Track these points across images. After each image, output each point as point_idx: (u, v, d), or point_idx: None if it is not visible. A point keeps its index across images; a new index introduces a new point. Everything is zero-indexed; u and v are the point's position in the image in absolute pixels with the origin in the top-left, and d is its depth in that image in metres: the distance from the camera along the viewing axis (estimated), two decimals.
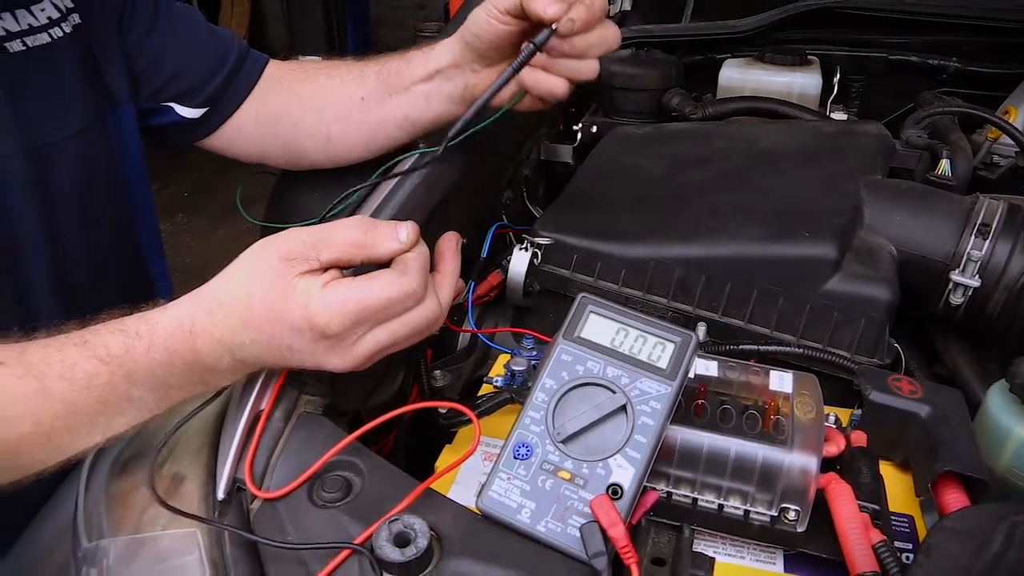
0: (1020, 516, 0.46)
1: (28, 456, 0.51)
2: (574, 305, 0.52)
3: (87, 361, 0.50)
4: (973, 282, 0.68)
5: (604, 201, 0.83)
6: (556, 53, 0.67)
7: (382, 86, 0.82)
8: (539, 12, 0.63)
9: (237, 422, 0.54)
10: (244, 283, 0.51)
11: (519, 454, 0.46)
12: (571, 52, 0.67)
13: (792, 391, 0.52)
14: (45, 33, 0.74)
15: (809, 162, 0.82)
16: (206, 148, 0.91)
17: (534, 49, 0.66)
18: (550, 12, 0.63)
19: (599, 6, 0.65)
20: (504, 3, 0.67)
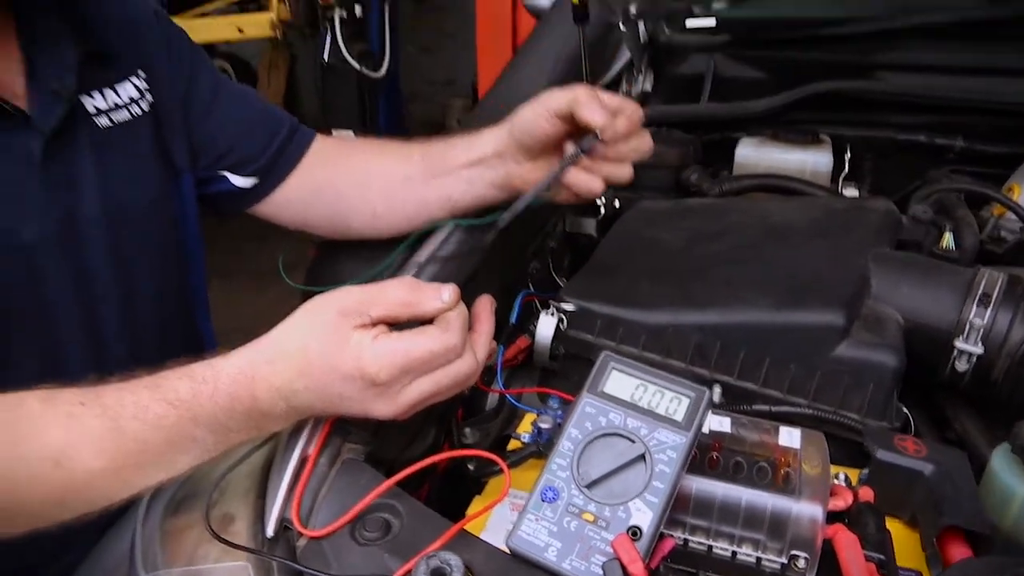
0: (1021, 568, 0.49)
1: (100, 490, 0.56)
2: (597, 362, 0.57)
3: (157, 403, 0.56)
4: (976, 349, 0.72)
5: (626, 271, 0.89)
6: (597, 156, 0.75)
7: (427, 168, 0.90)
8: (587, 119, 0.71)
9: (285, 466, 0.59)
10: (302, 335, 0.56)
11: (546, 497, 0.51)
12: (610, 157, 0.75)
13: (800, 447, 0.56)
14: (126, 110, 0.83)
15: (819, 236, 0.87)
16: (255, 215, 0.98)
17: (580, 152, 0.74)
18: (597, 120, 0.71)
19: (637, 118, 0.74)
20: (555, 106, 0.75)
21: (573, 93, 0.74)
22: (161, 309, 0.89)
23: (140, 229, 0.85)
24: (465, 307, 0.59)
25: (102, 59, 0.81)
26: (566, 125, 0.77)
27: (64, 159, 0.77)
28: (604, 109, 0.72)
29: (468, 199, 0.90)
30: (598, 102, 0.72)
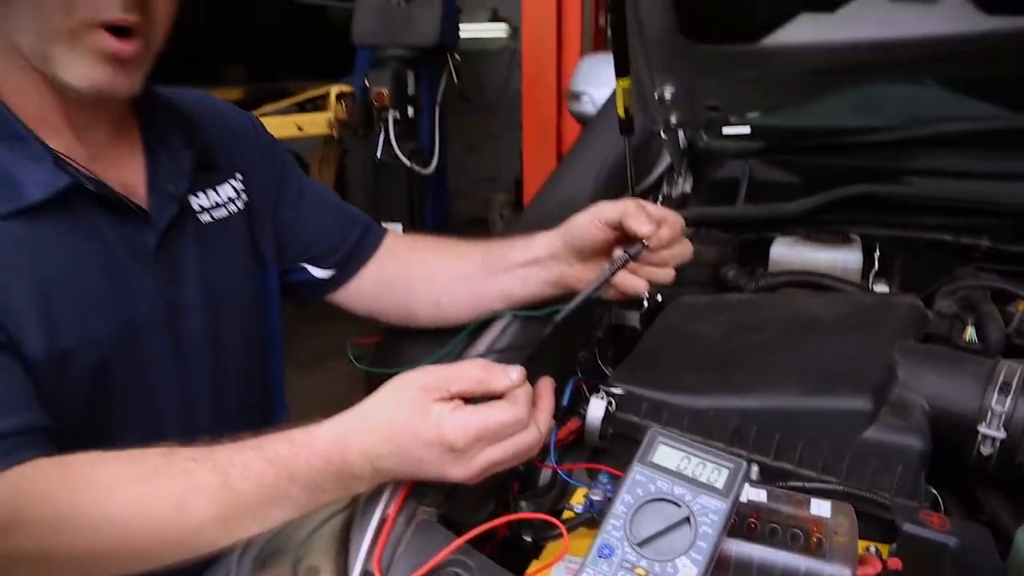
0: None
1: (207, 537, 0.64)
2: (646, 437, 0.64)
3: (260, 462, 0.64)
4: (999, 434, 0.77)
5: (669, 360, 0.96)
6: (643, 261, 0.85)
7: (486, 266, 1.00)
8: (635, 229, 0.82)
9: (367, 524, 0.66)
10: (388, 407, 0.65)
11: (603, 553, 0.57)
12: (655, 261, 0.85)
13: (830, 516, 0.62)
14: (224, 208, 0.95)
15: (849, 328, 0.94)
16: (330, 303, 1.09)
17: (628, 258, 0.84)
18: (644, 230, 0.82)
19: (680, 227, 0.85)
20: (607, 216, 0.86)
21: (623, 205, 0.85)
22: (245, 390, 0.98)
23: (232, 316, 0.95)
24: (530, 385, 0.67)
25: (208, 165, 0.94)
26: (616, 232, 0.88)
27: (172, 251, 0.88)
28: (651, 220, 0.83)
29: (523, 295, 1.00)
30: (645, 214, 0.83)
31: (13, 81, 0.78)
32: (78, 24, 0.73)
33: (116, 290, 0.81)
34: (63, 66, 0.75)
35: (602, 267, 0.90)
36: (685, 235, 0.90)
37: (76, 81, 0.76)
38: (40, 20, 0.73)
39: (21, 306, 0.74)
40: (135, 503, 0.64)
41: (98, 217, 0.81)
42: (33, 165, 0.77)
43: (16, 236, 0.75)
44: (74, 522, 0.64)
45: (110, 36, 0.74)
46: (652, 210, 0.85)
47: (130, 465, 0.66)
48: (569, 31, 3.16)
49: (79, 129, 0.83)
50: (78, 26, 0.73)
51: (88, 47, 0.74)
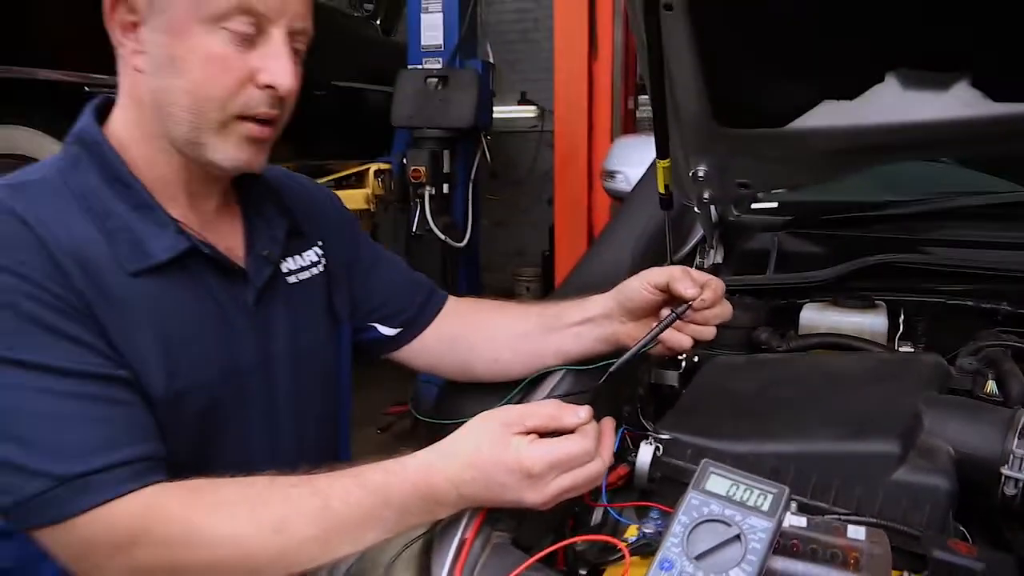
0: None
1: (307, 555, 0.73)
2: (699, 467, 0.72)
3: (357, 488, 0.73)
4: (1021, 475, 0.84)
5: (710, 410, 1.04)
6: (687, 320, 0.95)
7: (543, 325, 1.11)
8: (681, 292, 0.95)
9: (448, 546, 0.75)
10: (474, 439, 0.74)
11: (664, 567, 0.65)
12: (698, 320, 0.97)
13: (865, 539, 0.69)
14: (307, 271, 1.06)
15: (876, 382, 1.03)
16: (395, 360, 1.19)
17: (675, 317, 0.95)
18: (690, 293, 0.94)
19: (722, 291, 0.96)
20: (655, 280, 0.98)
21: (671, 271, 0.97)
22: (320, 433, 1.08)
23: (312, 367, 1.06)
24: (596, 423, 0.76)
25: (296, 233, 1.06)
26: (663, 295, 0.99)
27: (265, 308, 0.99)
28: (695, 284, 0.94)
29: (577, 351, 1.10)
30: (690, 278, 0.95)
31: (149, 159, 0.92)
32: (229, 117, 0.87)
33: (223, 340, 0.93)
34: (213, 150, 0.89)
35: (650, 326, 1.00)
36: (725, 298, 1.00)
37: (223, 161, 0.90)
38: (198, 117, 0.87)
39: (146, 350, 0.85)
40: (246, 522, 0.73)
41: (208, 276, 0.93)
42: (158, 230, 0.89)
43: (143, 291, 0.86)
44: (195, 538, 0.74)
45: (255, 124, 0.88)
46: (696, 275, 0.96)
47: (241, 489, 0.76)
48: (600, 115, 3.33)
49: (194, 200, 0.96)
50: (229, 119, 0.87)
51: (236, 134, 0.89)
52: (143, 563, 0.74)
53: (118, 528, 0.74)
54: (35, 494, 0.74)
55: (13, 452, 0.75)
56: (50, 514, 0.74)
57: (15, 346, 0.76)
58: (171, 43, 0.85)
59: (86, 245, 0.85)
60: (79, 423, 0.77)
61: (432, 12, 3.93)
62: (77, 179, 0.89)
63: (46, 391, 0.76)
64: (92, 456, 0.75)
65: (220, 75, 0.86)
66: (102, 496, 0.74)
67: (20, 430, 0.75)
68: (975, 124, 1.24)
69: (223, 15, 0.83)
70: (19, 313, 0.77)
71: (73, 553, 0.76)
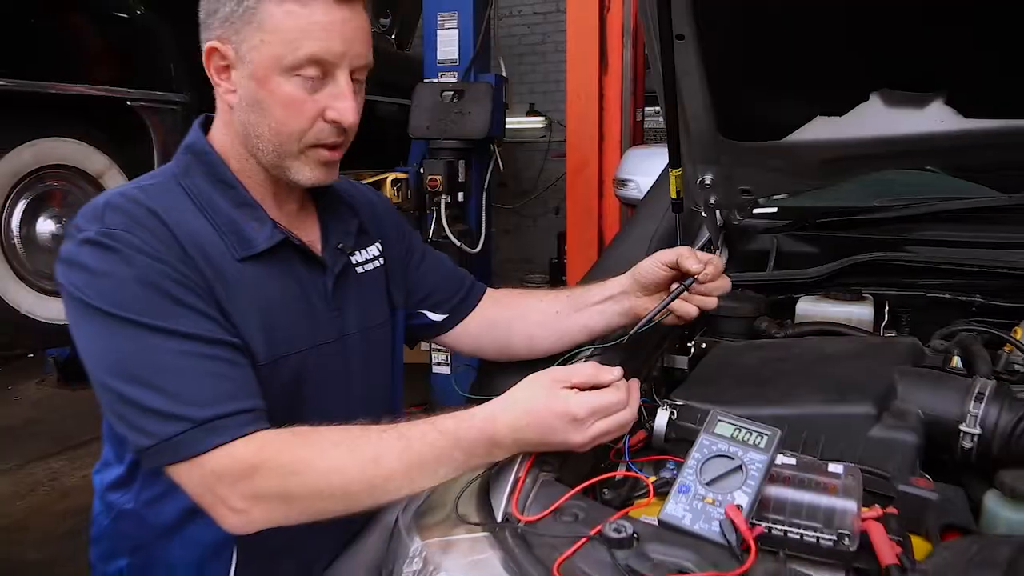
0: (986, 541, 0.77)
1: (395, 484, 0.91)
2: (709, 415, 0.89)
3: (433, 432, 0.91)
4: (975, 430, 1.01)
5: (716, 382, 1.21)
6: (694, 291, 1.14)
7: (571, 305, 1.29)
8: (688, 267, 1.14)
9: (505, 483, 0.92)
10: (528, 392, 0.92)
11: (682, 490, 0.82)
12: (703, 292, 1.15)
13: (843, 471, 0.86)
14: (371, 263, 1.24)
15: (858, 358, 1.19)
16: (441, 343, 1.37)
17: (683, 288, 1.14)
18: (694, 268, 1.13)
19: (722, 267, 1.15)
20: (665, 259, 1.16)
21: (679, 250, 1.15)
22: (383, 397, 1.26)
23: (376, 344, 1.24)
24: (625, 380, 0.94)
25: (362, 231, 1.24)
26: (673, 271, 1.17)
27: (340, 293, 1.17)
28: (700, 261, 1.11)
29: (601, 326, 1.27)
30: (695, 256, 1.12)
31: (246, 170, 1.11)
32: (304, 146, 1.06)
33: (308, 317, 1.11)
34: (292, 171, 1.08)
35: (662, 299, 1.18)
36: None
37: (303, 180, 1.09)
38: (280, 147, 1.07)
39: (251, 323, 1.03)
40: (345, 457, 0.91)
41: (296, 264, 1.11)
42: (258, 225, 1.08)
43: (248, 274, 1.05)
44: (304, 469, 0.91)
45: (325, 150, 1.07)
46: (700, 254, 1.15)
47: (340, 432, 0.94)
48: (609, 126, 3.51)
49: (279, 201, 1.14)
50: (304, 148, 1.06)
51: (312, 158, 1.08)
52: (261, 490, 0.91)
53: (240, 461, 0.92)
54: (173, 435, 0.91)
55: (154, 400, 0.93)
56: (185, 451, 0.92)
57: (157, 316, 0.95)
58: (256, 88, 1.04)
59: (202, 235, 1.03)
60: (208, 378, 0.95)
61: (448, 28, 4.11)
62: (189, 181, 1.08)
63: (182, 352, 0.94)
64: (219, 404, 0.93)
65: (296, 115, 1.05)
66: (229, 435, 0.92)
67: (160, 382, 0.93)
68: (949, 138, 1.42)
69: (297, 66, 1.02)
70: (159, 290, 0.96)
71: (202, 484, 0.93)
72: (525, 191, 7.51)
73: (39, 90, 2.58)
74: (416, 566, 0.87)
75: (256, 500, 0.92)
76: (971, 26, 1.25)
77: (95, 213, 1.01)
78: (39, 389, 5.15)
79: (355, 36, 1.04)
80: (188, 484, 0.95)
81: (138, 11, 2.99)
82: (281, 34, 1.01)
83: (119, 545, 1.14)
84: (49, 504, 3.61)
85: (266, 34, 1.01)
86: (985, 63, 1.33)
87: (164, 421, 0.92)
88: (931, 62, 1.35)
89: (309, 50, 1.01)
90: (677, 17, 1.28)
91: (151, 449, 0.93)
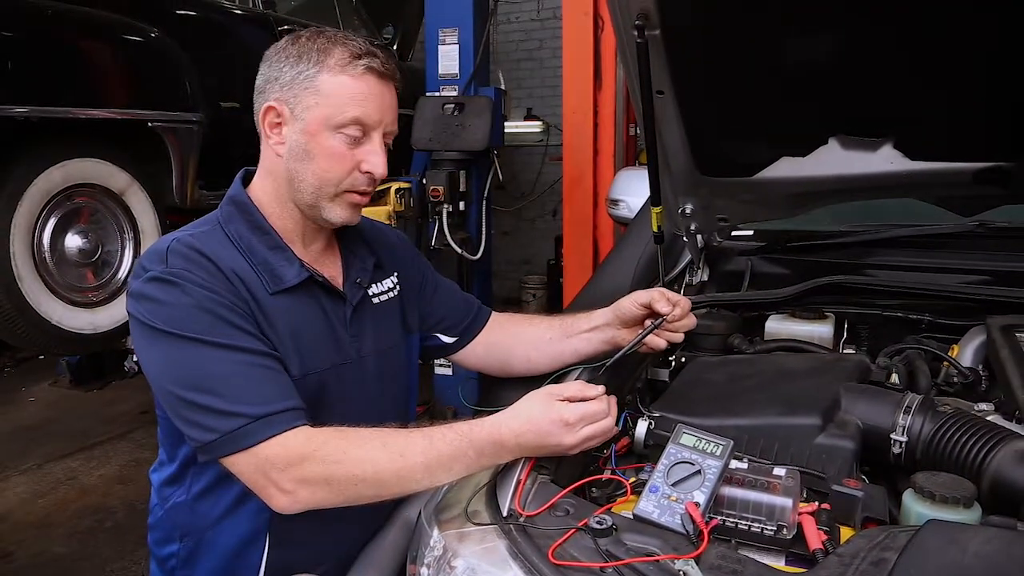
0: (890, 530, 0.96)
1: (416, 476, 1.11)
2: (675, 429, 1.09)
3: (450, 433, 1.11)
4: (902, 438, 1.20)
5: (690, 396, 1.40)
6: (664, 328, 1.36)
7: (561, 332, 1.48)
8: (659, 309, 1.36)
9: (508, 484, 1.11)
10: (528, 405, 1.12)
11: (652, 490, 1.01)
12: (670, 328, 1.36)
13: (785, 474, 1.05)
14: (387, 294, 1.43)
15: (812, 375, 1.38)
16: (451, 360, 1.56)
17: (653, 327, 1.35)
18: (664, 310, 1.36)
19: (688, 307, 1.38)
20: (641, 300, 1.39)
21: (652, 293, 1.36)
22: (396, 412, 1.44)
23: (391, 364, 1.43)
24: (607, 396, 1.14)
25: (378, 266, 1.43)
26: (647, 310, 1.38)
27: (358, 320, 1.36)
28: (669, 303, 1.32)
29: (587, 351, 1.47)
30: (666, 299, 1.33)
31: (277, 214, 1.31)
32: (340, 191, 1.26)
33: (330, 341, 1.30)
34: (326, 211, 1.28)
35: (637, 332, 1.38)
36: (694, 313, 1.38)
37: (334, 220, 1.28)
38: (319, 191, 1.27)
39: (284, 345, 1.23)
40: (379, 450, 1.11)
41: (320, 296, 1.31)
42: (287, 264, 1.27)
43: (279, 304, 1.25)
44: (344, 457, 1.11)
45: (356, 195, 1.27)
46: (671, 296, 1.35)
47: (374, 431, 1.14)
48: (604, 140, 3.71)
49: (307, 242, 1.34)
50: (340, 192, 1.26)
51: (344, 202, 1.28)
52: (307, 475, 1.10)
53: (291, 450, 1.11)
54: (233, 429, 1.11)
55: (215, 402, 1.12)
56: (244, 443, 1.11)
57: (213, 334, 1.15)
58: (306, 140, 1.24)
59: (243, 272, 1.23)
60: (260, 383, 1.15)
61: (449, 44, 4.28)
62: (231, 228, 1.27)
63: (236, 362, 1.14)
64: (271, 403, 1.13)
65: (337, 166, 1.25)
66: (281, 428, 1.12)
67: (220, 387, 1.13)
68: (897, 176, 1.61)
69: (343, 125, 1.24)
70: (214, 314, 1.16)
71: (257, 470, 1.12)
72: (523, 193, 7.68)
73: (68, 116, 2.76)
74: (437, 552, 1.06)
75: (303, 483, 1.11)
76: (918, 79, 1.44)
77: (159, 256, 1.20)
78: (52, 390, 5.35)
79: (390, 106, 1.28)
80: (244, 471, 1.14)
81: (152, 34, 3.16)
82: (333, 99, 1.22)
83: (172, 533, 1.34)
84: (69, 502, 3.79)
85: (321, 97, 1.23)
86: (927, 113, 1.53)
87: (225, 418, 1.11)
88: (881, 113, 1.54)
89: (354, 113, 1.23)
90: (656, 75, 1.47)
91: (213, 443, 1.12)
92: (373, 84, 1.24)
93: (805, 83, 1.50)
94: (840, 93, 1.51)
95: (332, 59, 1.23)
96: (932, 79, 1.44)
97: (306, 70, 1.23)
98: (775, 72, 1.49)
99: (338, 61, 1.23)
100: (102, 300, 3.00)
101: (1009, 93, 1.42)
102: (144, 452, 4.29)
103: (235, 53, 3.72)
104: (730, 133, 1.62)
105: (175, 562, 1.33)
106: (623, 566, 0.92)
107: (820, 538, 0.98)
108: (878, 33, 1.37)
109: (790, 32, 1.41)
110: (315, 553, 1.33)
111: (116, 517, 3.60)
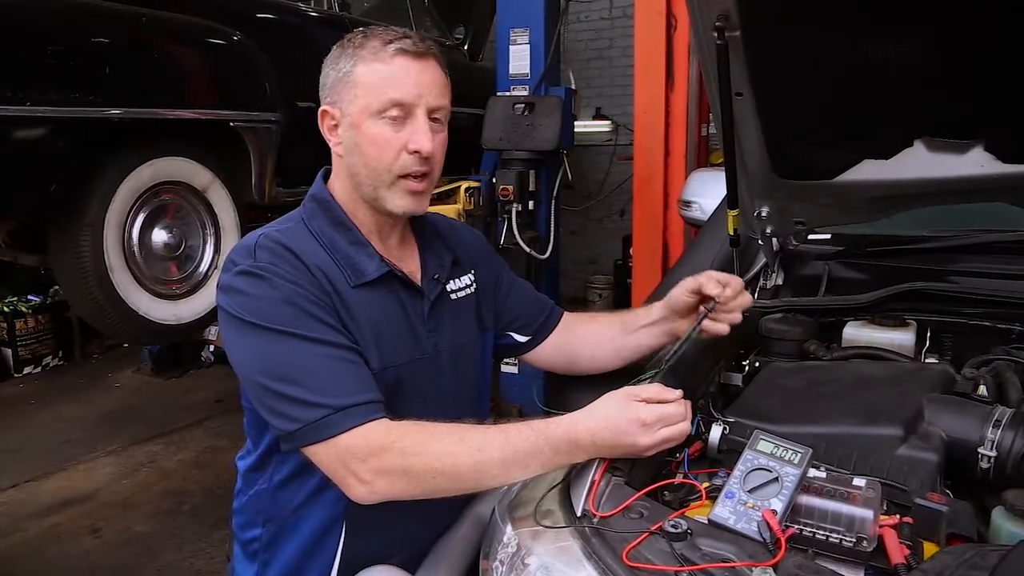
0: (979, 548, 0.93)
1: (492, 471, 1.12)
2: (753, 435, 1.08)
3: (527, 430, 1.12)
4: (991, 453, 1.16)
5: (765, 401, 1.38)
6: (719, 311, 1.35)
7: (623, 329, 1.50)
8: (709, 292, 1.35)
9: (583, 485, 1.11)
10: (606, 404, 1.13)
11: (728, 496, 1.01)
12: (725, 311, 1.35)
13: (865, 485, 1.03)
14: (464, 291, 1.46)
15: (892, 384, 1.35)
16: (522, 359, 1.58)
17: (706, 312, 1.32)
18: (714, 292, 1.35)
19: (740, 286, 1.37)
20: (690, 286, 1.39)
21: (699, 278, 1.38)
22: (470, 408, 1.47)
23: (466, 360, 1.45)
24: None
25: (456, 263, 1.46)
26: (698, 296, 1.39)
27: (435, 316, 1.39)
28: (718, 284, 1.31)
29: (649, 345, 1.50)
30: (715, 281, 1.33)
31: (353, 211, 1.35)
32: (394, 177, 1.29)
33: (408, 335, 1.33)
34: (387, 200, 1.31)
35: (693, 320, 1.40)
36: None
37: (395, 208, 1.31)
38: (374, 180, 1.30)
39: (364, 337, 1.26)
40: (457, 443, 1.13)
41: (398, 290, 1.34)
42: (368, 258, 1.31)
43: (361, 298, 1.28)
44: (422, 449, 1.13)
45: (413, 181, 1.30)
46: (719, 277, 1.36)
47: (452, 426, 1.16)
48: (675, 141, 3.67)
49: (383, 238, 1.37)
50: (394, 178, 1.29)
51: (401, 188, 1.30)
52: (386, 466, 1.14)
53: (371, 441, 1.14)
54: (316, 419, 1.15)
55: (299, 392, 1.16)
56: (326, 432, 1.15)
57: (299, 327, 1.19)
58: (354, 134, 1.29)
59: (326, 266, 1.27)
60: (342, 375, 1.18)
61: (520, 44, 4.30)
62: (314, 224, 1.32)
63: (320, 355, 1.18)
64: (353, 395, 1.16)
65: (384, 150, 1.28)
66: (362, 419, 1.15)
67: (304, 379, 1.17)
68: (987, 180, 1.56)
69: (383, 109, 1.27)
70: (300, 308, 1.20)
71: (337, 460, 1.15)
72: (591, 193, 7.65)
73: (158, 116, 2.89)
74: (511, 549, 1.08)
75: (381, 474, 1.14)
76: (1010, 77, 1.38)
77: (247, 252, 1.25)
78: (135, 377, 5.60)
79: (429, 82, 1.28)
80: (324, 460, 1.17)
81: (234, 37, 3.26)
82: (370, 87, 1.26)
83: (255, 518, 1.40)
84: (150, 484, 3.96)
85: (359, 89, 1.27)
86: (1021, 114, 1.47)
87: (308, 408, 1.15)
88: (970, 114, 1.49)
89: (390, 95, 1.25)
90: (736, 77, 1.45)
91: (296, 432, 1.16)
92: (406, 63, 1.26)
93: (889, 84, 1.46)
94: (926, 93, 1.47)
95: (365, 51, 1.26)
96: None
97: (345, 67, 1.28)
98: (857, 73, 1.45)
99: (370, 51, 1.26)
100: (185, 293, 3.12)
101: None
102: (219, 440, 4.45)
103: (311, 54, 3.78)
104: (809, 135, 1.59)
105: (257, 546, 1.38)
106: (698, 571, 0.91)
107: (902, 552, 0.95)
108: (967, 30, 1.32)
109: (873, 32, 1.38)
110: (389, 543, 1.36)
111: (194, 500, 3.74)
